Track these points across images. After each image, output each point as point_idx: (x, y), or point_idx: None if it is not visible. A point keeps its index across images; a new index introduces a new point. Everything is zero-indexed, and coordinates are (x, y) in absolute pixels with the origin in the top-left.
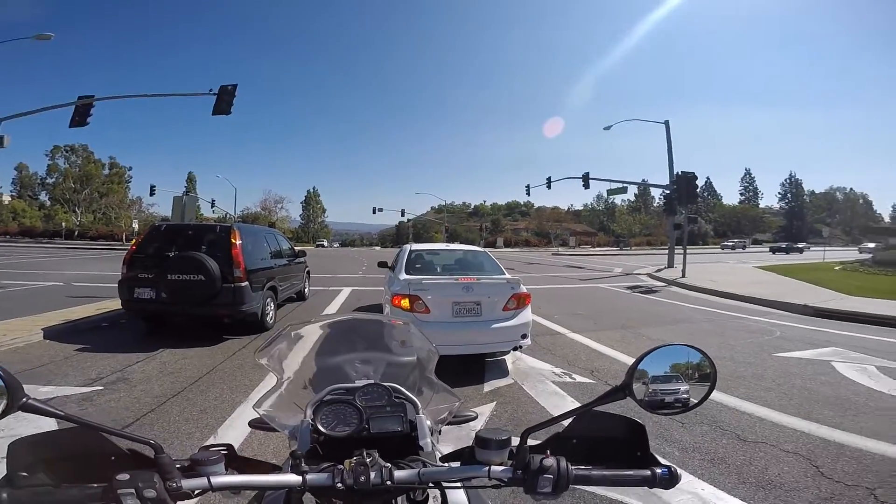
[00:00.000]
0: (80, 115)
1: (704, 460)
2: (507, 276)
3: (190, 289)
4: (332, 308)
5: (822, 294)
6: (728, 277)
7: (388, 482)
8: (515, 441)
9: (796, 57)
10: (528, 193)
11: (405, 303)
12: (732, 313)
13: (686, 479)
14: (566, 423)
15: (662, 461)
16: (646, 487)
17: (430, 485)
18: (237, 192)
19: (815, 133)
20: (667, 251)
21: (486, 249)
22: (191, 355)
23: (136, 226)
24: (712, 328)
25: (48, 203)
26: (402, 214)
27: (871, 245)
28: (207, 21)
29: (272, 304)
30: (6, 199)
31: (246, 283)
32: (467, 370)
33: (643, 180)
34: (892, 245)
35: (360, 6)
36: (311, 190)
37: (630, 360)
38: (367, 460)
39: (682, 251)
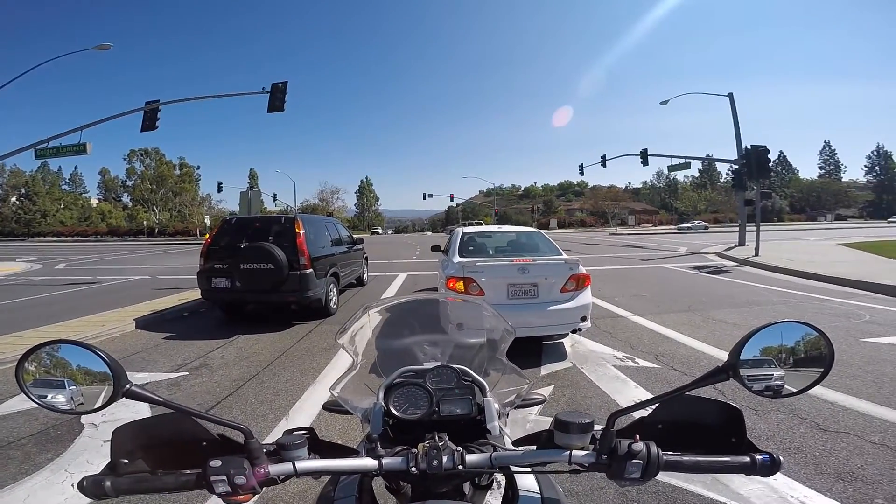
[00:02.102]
0: (150, 120)
1: (779, 449)
2: (565, 256)
3: (260, 277)
4: (391, 293)
5: None
6: (808, 256)
7: (460, 466)
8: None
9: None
10: (582, 173)
11: (459, 286)
12: (814, 295)
13: None
14: (652, 407)
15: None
16: (736, 475)
17: (499, 469)
18: (296, 185)
19: None
20: (737, 229)
21: (541, 230)
22: (263, 340)
23: (207, 221)
24: (790, 311)
25: (130, 204)
26: (451, 199)
27: None
28: (259, 20)
29: (335, 290)
30: (94, 201)
31: (310, 270)
32: (523, 353)
33: (708, 155)
34: None
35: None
36: (364, 179)
37: (699, 345)
38: (440, 444)
39: (754, 228)
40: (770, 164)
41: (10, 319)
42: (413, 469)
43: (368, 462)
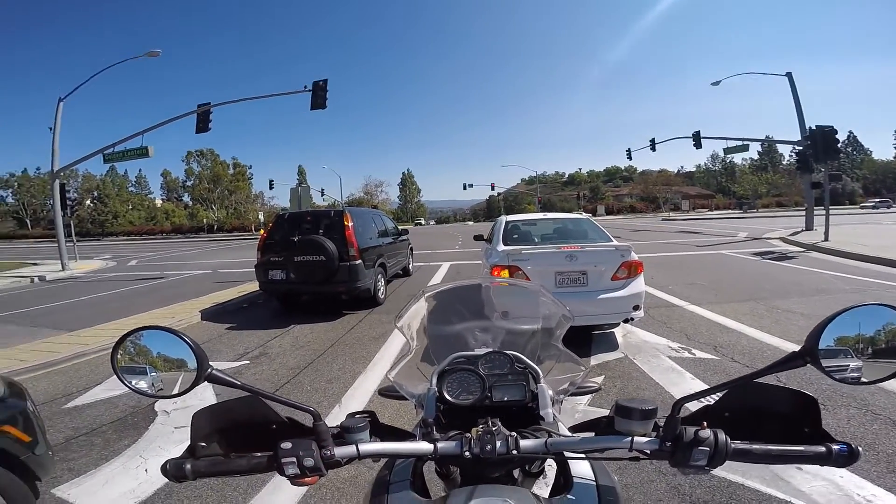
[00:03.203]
0: (203, 122)
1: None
2: (616, 242)
3: (313, 269)
4: (435, 282)
5: None
6: (884, 241)
7: (514, 451)
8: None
9: None
10: (630, 157)
11: (504, 274)
12: (891, 283)
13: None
14: (719, 394)
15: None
16: (798, 471)
17: (554, 456)
18: (342, 180)
19: None
20: (803, 213)
21: (589, 217)
22: (317, 330)
23: (261, 217)
24: (863, 300)
25: (190, 203)
26: (492, 188)
27: None
28: (298, 19)
29: (382, 280)
30: (158, 202)
31: (359, 261)
32: (572, 343)
33: (767, 136)
34: None
35: None
36: (406, 172)
37: (762, 336)
38: (493, 429)
39: (822, 212)
40: (839, 145)
41: (93, 313)
42: (466, 453)
43: (424, 446)
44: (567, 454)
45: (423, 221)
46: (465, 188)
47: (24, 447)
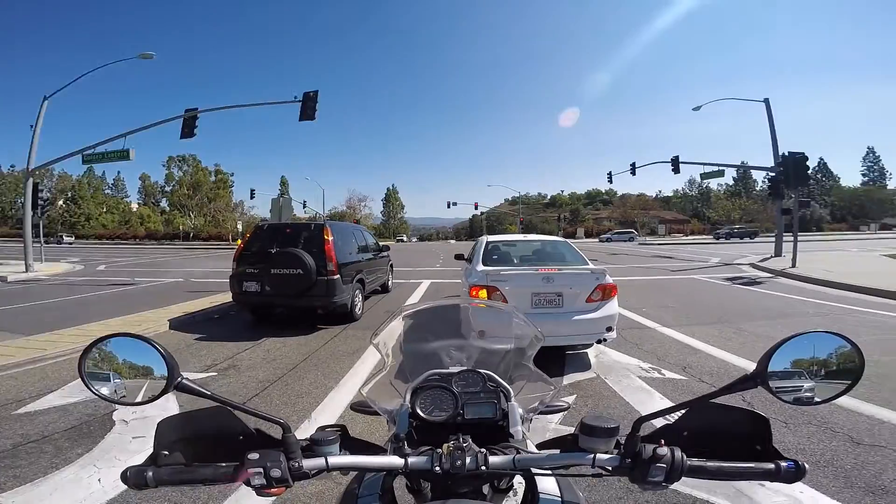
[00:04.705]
0: (188, 127)
1: (808, 462)
2: (592, 266)
3: (290, 282)
4: (414, 300)
5: None
6: (849, 267)
7: (483, 467)
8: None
9: None
10: (611, 181)
11: (482, 294)
12: (854, 307)
13: None
14: (678, 414)
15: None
16: (754, 483)
17: (521, 472)
18: (324, 193)
19: None
20: (773, 239)
21: (567, 240)
22: (290, 344)
23: (240, 227)
24: (826, 323)
25: (167, 208)
26: (476, 208)
27: None
28: (293, 32)
29: (360, 296)
30: (134, 206)
31: (337, 276)
32: (546, 362)
33: (742, 162)
34: None
35: (431, 7)
36: (391, 187)
37: (729, 357)
38: (464, 445)
39: (791, 238)
40: (809, 172)
41: (53, 318)
42: (437, 468)
43: (395, 460)
44: (534, 470)
45: (405, 238)
46: (448, 206)
47: None
